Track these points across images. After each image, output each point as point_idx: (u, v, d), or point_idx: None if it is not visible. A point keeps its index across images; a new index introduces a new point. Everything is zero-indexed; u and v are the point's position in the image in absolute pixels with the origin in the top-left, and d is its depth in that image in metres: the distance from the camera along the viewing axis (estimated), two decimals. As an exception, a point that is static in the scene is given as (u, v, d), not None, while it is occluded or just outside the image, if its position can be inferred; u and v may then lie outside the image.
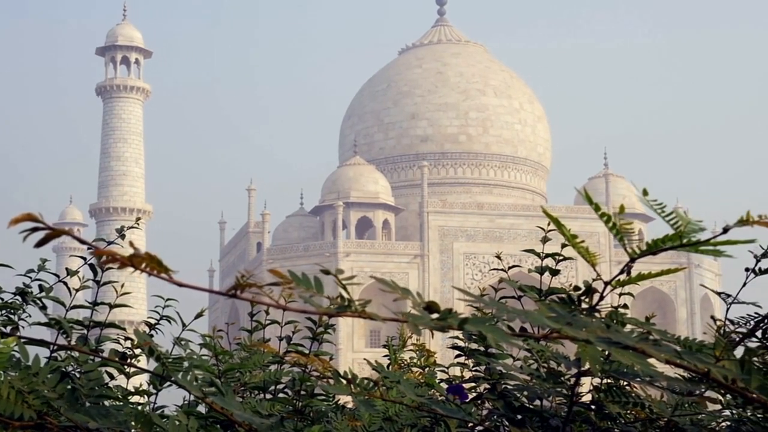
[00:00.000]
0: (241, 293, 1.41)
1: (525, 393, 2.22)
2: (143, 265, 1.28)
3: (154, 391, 2.99)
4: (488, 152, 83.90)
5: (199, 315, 2.67)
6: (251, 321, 4.16)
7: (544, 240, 3.85)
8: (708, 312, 76.39)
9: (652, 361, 1.67)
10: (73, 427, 1.94)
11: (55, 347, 2.46)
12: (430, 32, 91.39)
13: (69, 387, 1.93)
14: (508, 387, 2.75)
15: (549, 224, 2.51)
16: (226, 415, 1.81)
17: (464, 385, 3.41)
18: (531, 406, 2.68)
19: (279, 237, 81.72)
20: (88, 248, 1.48)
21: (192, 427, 2.08)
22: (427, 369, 4.28)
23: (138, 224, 4.23)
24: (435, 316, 1.43)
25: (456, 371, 3.68)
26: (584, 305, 1.92)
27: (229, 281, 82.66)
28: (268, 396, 3.49)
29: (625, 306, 3.99)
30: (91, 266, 3.76)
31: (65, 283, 4.11)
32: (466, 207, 78.47)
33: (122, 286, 3.29)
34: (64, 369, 2.23)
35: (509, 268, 4.18)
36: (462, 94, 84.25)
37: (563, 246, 2.40)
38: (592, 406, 2.56)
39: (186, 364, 2.09)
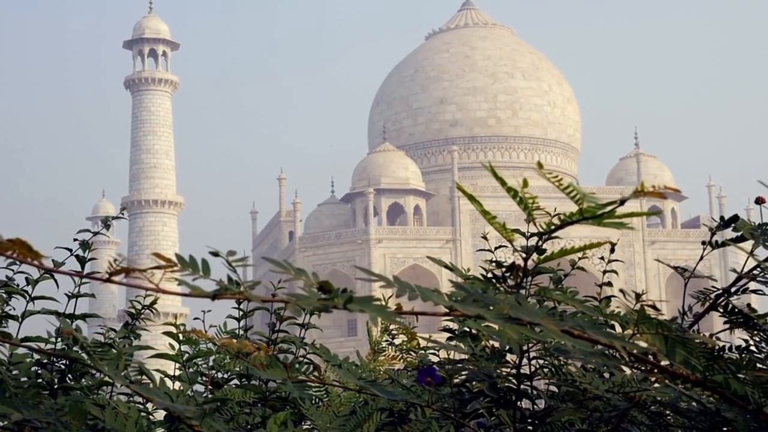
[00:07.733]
0: (126, 276, 1.40)
1: (465, 373, 2.20)
2: (11, 252, 1.27)
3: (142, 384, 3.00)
4: (518, 135, 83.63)
5: (153, 303, 2.68)
6: (238, 309, 4.16)
7: (529, 220, 3.82)
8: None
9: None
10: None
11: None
12: (456, 16, 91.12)
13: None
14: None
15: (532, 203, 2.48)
16: (150, 400, 1.81)
17: (457, 366, 3.40)
18: (521, 387, 2.66)
19: (311, 225, 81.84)
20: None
21: (130, 416, 2.07)
22: (419, 352, 4.29)
23: (123, 214, 4.23)
24: (324, 296, 1.41)
25: (456, 354, 3.67)
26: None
27: (261, 271, 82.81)
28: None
29: (609, 284, 3.96)
30: (77, 257, 3.76)
31: (52, 275, 4.13)
32: (497, 191, 78.21)
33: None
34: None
35: (496, 248, 4.16)
36: (490, 78, 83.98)
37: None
38: (576, 382, 2.54)
39: (114, 351, 2.08)
